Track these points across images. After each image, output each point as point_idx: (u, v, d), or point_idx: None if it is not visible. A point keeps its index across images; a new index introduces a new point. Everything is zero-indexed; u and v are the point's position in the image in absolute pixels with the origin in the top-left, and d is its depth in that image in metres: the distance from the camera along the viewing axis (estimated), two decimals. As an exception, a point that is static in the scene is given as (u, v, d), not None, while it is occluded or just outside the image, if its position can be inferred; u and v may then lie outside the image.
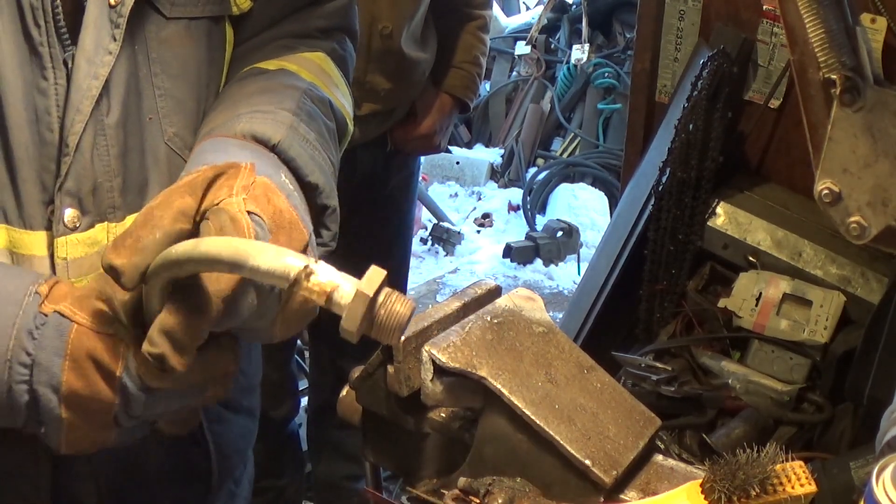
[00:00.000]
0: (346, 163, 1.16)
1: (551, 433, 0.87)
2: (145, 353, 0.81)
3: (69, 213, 0.98)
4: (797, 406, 1.81)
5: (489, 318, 0.96)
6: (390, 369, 0.95)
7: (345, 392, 1.04)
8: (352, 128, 1.20)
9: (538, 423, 0.88)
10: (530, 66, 6.26)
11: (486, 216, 5.77)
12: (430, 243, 5.38)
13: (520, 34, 6.44)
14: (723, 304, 1.94)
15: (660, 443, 1.68)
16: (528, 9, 7.28)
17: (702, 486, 0.82)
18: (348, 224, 1.09)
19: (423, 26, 2.36)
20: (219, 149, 0.98)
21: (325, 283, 0.76)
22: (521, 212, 5.75)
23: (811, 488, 0.79)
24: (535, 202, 5.71)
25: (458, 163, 6.13)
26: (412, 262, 3.25)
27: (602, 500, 0.87)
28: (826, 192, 1.12)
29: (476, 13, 2.51)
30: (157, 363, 0.81)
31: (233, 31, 1.12)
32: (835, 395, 1.80)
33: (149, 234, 0.82)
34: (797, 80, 1.12)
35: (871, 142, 1.09)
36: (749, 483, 0.79)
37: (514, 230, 5.63)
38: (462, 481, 0.92)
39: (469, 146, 6.49)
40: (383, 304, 0.76)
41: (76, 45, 0.97)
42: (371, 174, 2.42)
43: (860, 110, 1.08)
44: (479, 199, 5.98)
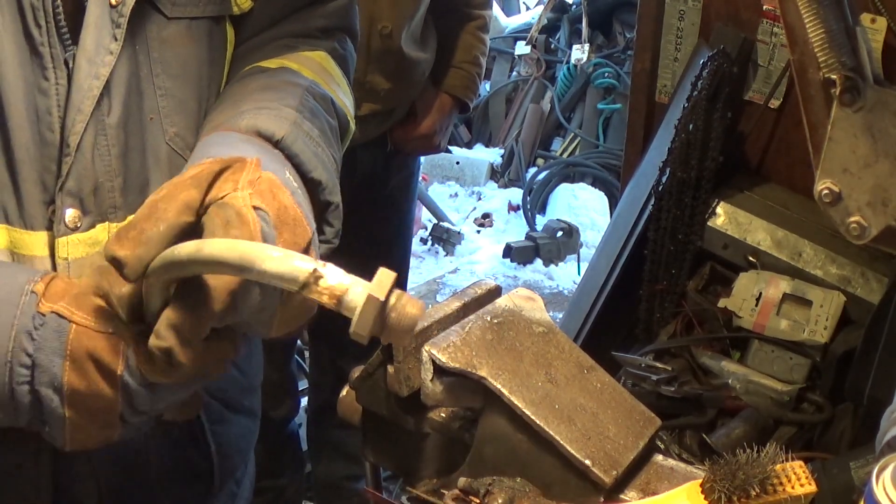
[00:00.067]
0: (346, 163, 1.16)
1: (551, 433, 0.87)
2: (152, 348, 0.81)
3: (70, 214, 0.98)
4: (797, 406, 1.81)
5: (489, 318, 0.96)
6: (390, 369, 0.95)
7: (345, 392, 1.04)
8: (353, 126, 1.19)
9: (538, 423, 0.88)
10: (530, 66, 6.26)
11: (486, 216, 5.76)
12: (430, 243, 5.38)
13: (520, 34, 6.44)
14: (723, 304, 1.94)
15: (660, 443, 1.68)
16: (528, 9, 7.28)
17: (702, 486, 0.82)
18: (348, 224, 1.08)
19: (423, 26, 2.36)
20: (224, 142, 0.98)
21: (335, 286, 0.75)
22: (521, 212, 5.74)
23: (811, 488, 0.79)
24: (535, 202, 5.71)
25: (458, 163, 6.13)
26: (412, 262, 3.25)
27: (602, 500, 0.87)
28: (826, 192, 1.12)
29: (476, 13, 2.51)
30: (164, 357, 0.81)
31: (233, 31, 1.12)
32: (835, 395, 1.79)
33: (153, 227, 0.81)
34: (797, 80, 1.12)
35: (871, 142, 1.09)
36: (749, 483, 0.79)
37: (514, 230, 5.62)
38: (462, 481, 0.92)
39: (469, 146, 6.49)
40: (394, 306, 0.76)
41: (77, 45, 0.97)
42: (371, 174, 2.42)
43: (860, 110, 1.08)
44: (479, 199, 5.98)
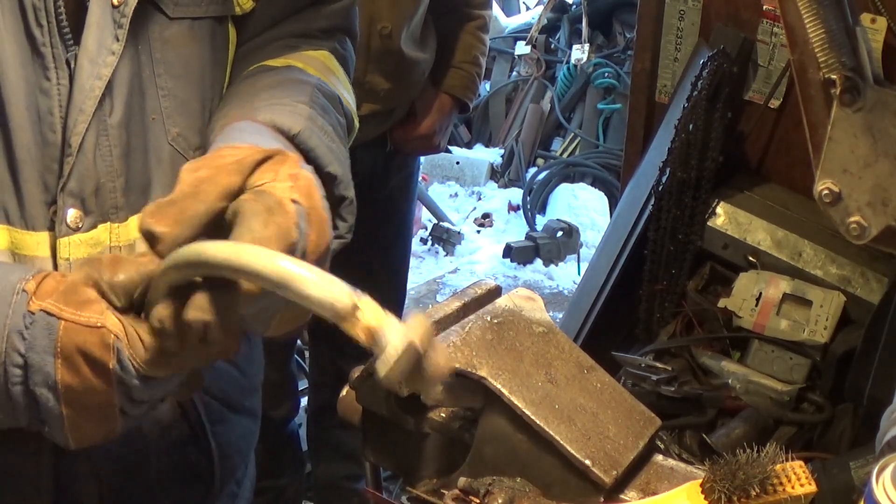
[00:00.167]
0: (346, 163, 1.16)
1: (551, 433, 0.87)
2: (188, 319, 0.78)
3: (72, 214, 0.98)
4: (797, 406, 1.81)
5: (489, 318, 0.96)
6: (391, 369, 0.95)
7: (345, 392, 1.04)
8: (357, 125, 1.20)
9: (538, 423, 0.88)
10: (530, 66, 6.26)
11: (486, 216, 5.76)
12: (430, 243, 5.38)
13: (520, 34, 6.44)
14: (723, 304, 1.94)
15: (660, 443, 1.68)
16: (528, 9, 7.27)
17: (702, 486, 0.82)
18: (348, 224, 1.09)
19: (423, 26, 2.36)
20: (257, 132, 0.98)
21: (373, 324, 0.74)
22: (521, 212, 5.74)
23: (811, 488, 0.79)
24: (535, 202, 5.71)
25: (458, 163, 6.13)
26: (412, 262, 3.25)
27: (602, 500, 0.87)
28: (826, 192, 1.12)
29: (476, 13, 2.51)
30: (198, 332, 0.79)
31: (235, 32, 1.12)
32: (835, 395, 1.79)
33: (193, 207, 0.81)
34: (797, 80, 1.12)
35: (871, 142, 1.09)
36: (749, 483, 0.79)
37: (514, 230, 5.62)
38: (462, 481, 0.92)
39: (469, 146, 6.49)
40: (428, 355, 0.75)
41: (79, 45, 0.97)
42: (371, 174, 2.42)
43: (860, 110, 1.08)
44: (479, 199, 5.98)
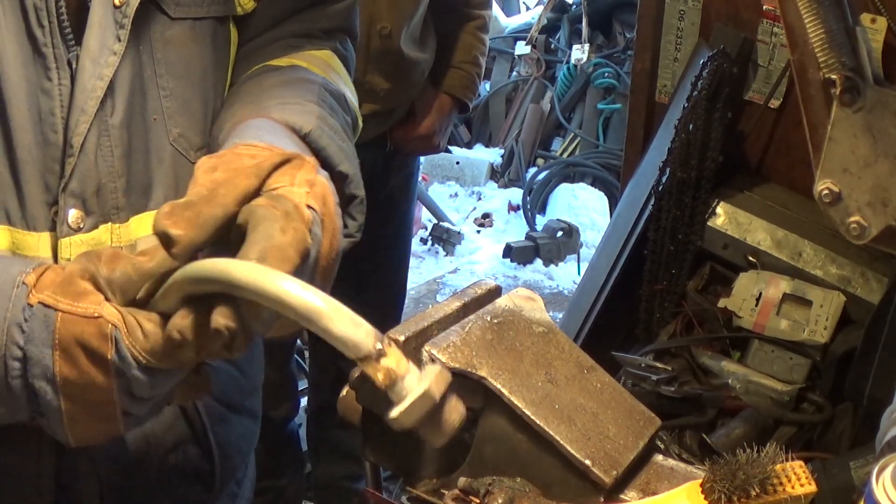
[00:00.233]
0: (346, 163, 1.16)
1: (551, 433, 0.87)
2: (217, 327, 0.77)
3: (73, 214, 0.98)
4: (797, 406, 1.81)
5: (489, 318, 0.96)
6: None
7: (345, 392, 1.03)
8: (361, 124, 1.20)
9: (538, 423, 0.88)
10: (530, 66, 6.26)
11: (486, 216, 5.76)
12: (430, 243, 5.38)
13: (520, 34, 6.44)
14: (723, 304, 1.94)
15: (660, 443, 1.68)
16: (528, 9, 7.28)
17: (702, 486, 0.82)
18: (348, 223, 1.09)
19: (423, 26, 2.36)
20: (272, 131, 0.98)
21: (395, 368, 0.74)
22: (521, 212, 5.75)
23: (811, 488, 0.79)
24: (535, 202, 5.71)
25: (458, 163, 6.13)
26: (412, 262, 3.25)
27: (602, 500, 0.87)
28: (826, 192, 1.12)
29: (475, 13, 2.51)
30: (224, 340, 0.78)
31: (237, 32, 1.12)
32: (835, 395, 1.79)
33: (210, 211, 0.81)
34: (797, 80, 1.13)
35: (871, 142, 1.09)
36: (749, 483, 0.79)
37: (514, 230, 5.63)
38: (462, 481, 0.92)
39: (469, 146, 6.49)
40: (443, 408, 0.75)
41: (80, 46, 0.96)
42: (371, 174, 2.40)
43: (860, 110, 1.08)
44: (479, 199, 5.98)
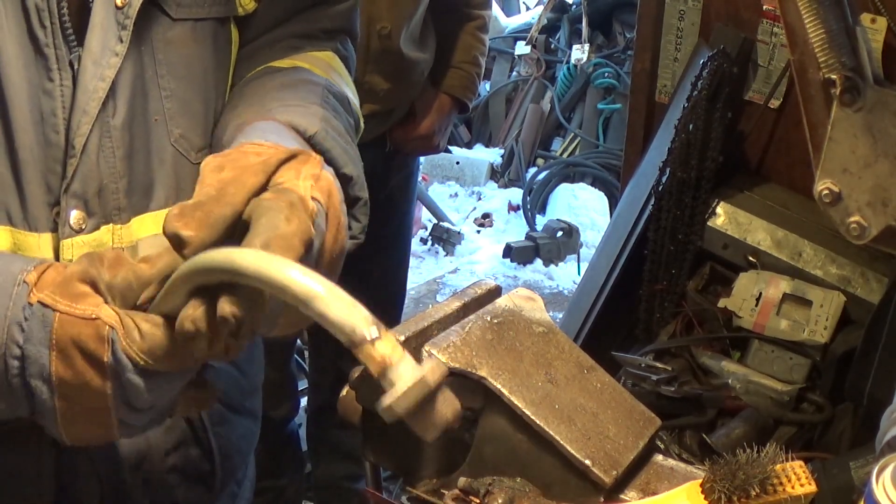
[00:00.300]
0: (346, 163, 1.16)
1: (551, 433, 0.87)
2: (223, 315, 0.77)
3: (75, 215, 0.98)
4: (797, 406, 1.81)
5: (489, 318, 0.96)
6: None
7: (345, 392, 1.03)
8: (363, 125, 1.20)
9: (538, 423, 0.88)
10: (530, 66, 6.26)
11: (486, 216, 5.77)
12: (430, 243, 5.38)
13: (520, 34, 6.44)
14: (723, 304, 1.94)
15: (660, 443, 1.68)
16: (528, 9, 7.28)
17: (702, 486, 0.82)
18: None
19: (422, 26, 2.36)
20: (277, 132, 0.98)
21: (389, 355, 0.73)
22: (521, 212, 5.75)
23: (811, 488, 0.79)
24: (535, 202, 5.71)
25: (458, 163, 6.13)
26: (412, 262, 3.25)
27: (602, 500, 0.87)
28: (826, 192, 1.12)
29: (475, 13, 2.51)
30: (231, 328, 0.78)
31: (238, 33, 1.12)
32: (835, 395, 1.79)
33: (219, 211, 0.81)
34: (797, 80, 1.13)
35: (871, 142, 1.09)
36: (749, 483, 0.79)
37: (514, 230, 5.63)
38: (462, 481, 0.92)
39: (469, 146, 6.49)
40: (438, 399, 0.74)
41: (82, 47, 0.96)
42: (370, 174, 2.38)
43: (860, 110, 1.08)
44: (479, 199, 5.98)
